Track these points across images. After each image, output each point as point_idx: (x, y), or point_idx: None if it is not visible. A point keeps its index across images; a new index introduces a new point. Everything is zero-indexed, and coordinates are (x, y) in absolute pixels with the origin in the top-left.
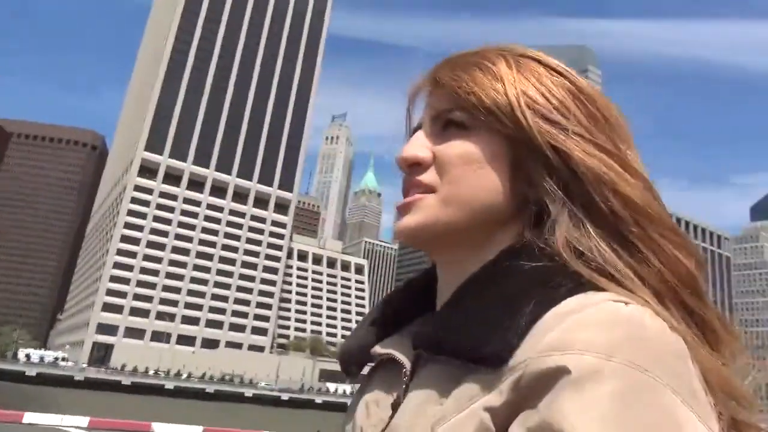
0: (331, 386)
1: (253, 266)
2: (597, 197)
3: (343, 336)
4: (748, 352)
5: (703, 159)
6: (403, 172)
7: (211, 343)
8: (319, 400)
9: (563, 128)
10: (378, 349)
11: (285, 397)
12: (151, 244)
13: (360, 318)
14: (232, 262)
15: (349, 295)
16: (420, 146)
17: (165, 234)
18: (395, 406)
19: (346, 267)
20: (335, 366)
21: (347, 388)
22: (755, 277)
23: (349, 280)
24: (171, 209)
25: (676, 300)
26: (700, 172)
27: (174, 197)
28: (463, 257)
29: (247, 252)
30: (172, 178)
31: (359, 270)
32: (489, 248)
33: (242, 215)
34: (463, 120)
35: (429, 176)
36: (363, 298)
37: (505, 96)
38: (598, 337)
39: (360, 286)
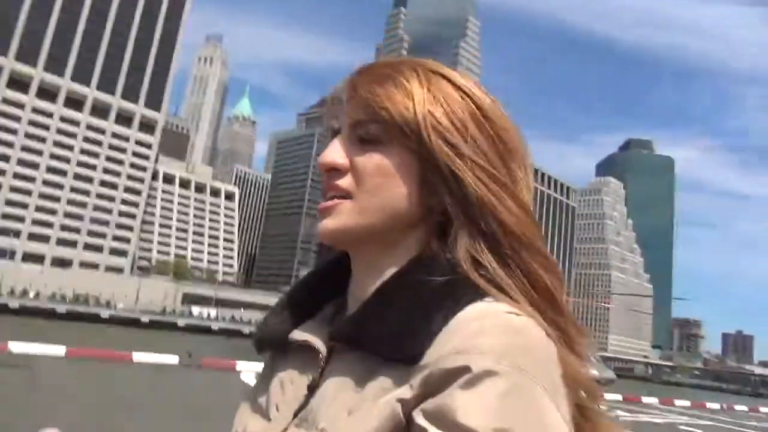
0: (195, 309)
1: (114, 186)
2: (481, 220)
3: (209, 262)
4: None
5: (560, 115)
6: (322, 174)
7: (62, 263)
8: (182, 322)
9: (460, 153)
10: (296, 335)
11: (145, 319)
12: None
13: (227, 244)
14: (89, 180)
15: (217, 222)
16: (339, 153)
17: (10, 145)
18: (311, 388)
19: (215, 193)
20: (200, 290)
21: (212, 311)
22: (594, 226)
23: (218, 206)
24: (17, 119)
25: (543, 312)
26: (557, 127)
27: (21, 106)
28: (378, 255)
29: (107, 171)
30: (19, 84)
31: (229, 197)
32: (400, 246)
33: (102, 131)
34: (378, 133)
35: (346, 182)
36: (232, 225)
37: (414, 115)
38: (494, 343)
39: (229, 213)
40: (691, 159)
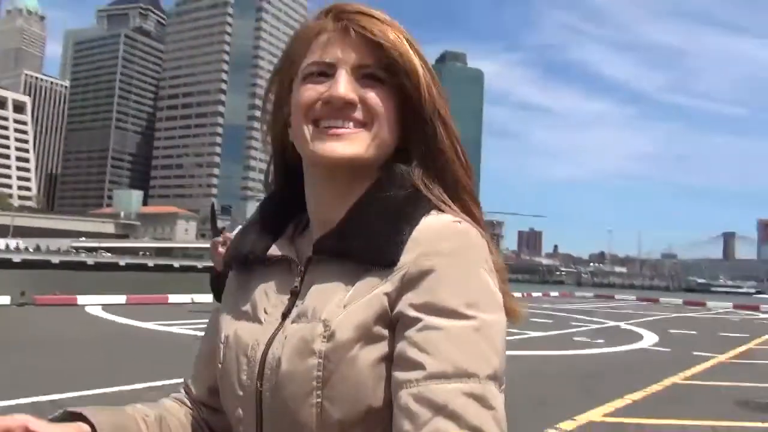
0: None
1: None
2: (438, 165)
3: (1, 185)
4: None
5: None
6: (335, 106)
7: None
8: (17, 258)
9: (439, 105)
10: (273, 251)
11: None
12: None
13: (22, 164)
14: None
15: (6, 137)
16: (352, 88)
17: None
18: (294, 293)
19: (2, 104)
20: None
21: (10, 242)
22: None
23: (5, 119)
24: None
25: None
26: None
27: None
28: (353, 179)
29: None
30: None
31: (19, 108)
32: (370, 172)
33: None
34: (381, 76)
35: (361, 115)
36: (26, 142)
37: (419, 68)
38: (449, 245)
39: (21, 127)
40: (498, 72)
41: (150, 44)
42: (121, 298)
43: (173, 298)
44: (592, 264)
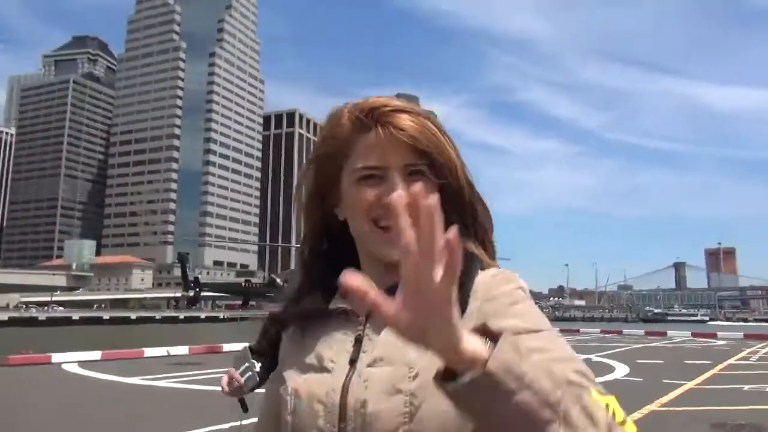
0: None
1: None
2: (479, 234)
3: None
4: None
5: (331, 69)
6: (384, 208)
7: None
8: None
9: (473, 189)
10: (335, 305)
11: None
12: None
13: None
14: None
15: None
16: (403, 192)
17: None
18: (358, 340)
19: None
20: None
21: None
22: None
23: None
24: None
25: None
26: (330, 79)
27: None
28: None
29: None
30: None
31: None
32: None
33: None
34: (425, 171)
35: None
36: None
37: (455, 160)
38: (503, 289)
39: None
40: (449, 113)
41: (100, 90)
42: (95, 354)
43: (149, 352)
44: (552, 298)
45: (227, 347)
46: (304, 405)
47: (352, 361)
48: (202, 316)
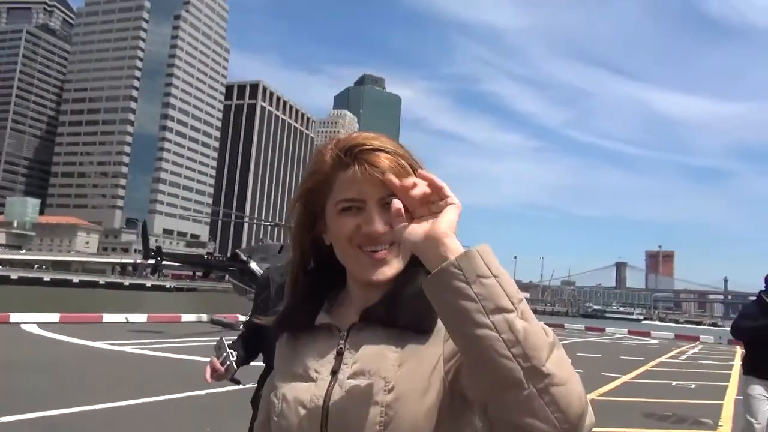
0: None
1: None
2: None
3: None
4: None
5: (305, 45)
6: (372, 237)
7: None
8: None
9: None
10: (320, 320)
11: None
12: None
13: None
14: None
15: None
16: (382, 221)
17: None
18: (339, 353)
19: None
20: None
21: None
22: None
23: None
24: None
25: None
26: (300, 55)
27: None
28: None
29: None
30: None
31: None
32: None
33: None
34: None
35: (390, 236)
36: None
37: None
38: None
39: None
40: (415, 98)
41: (55, 43)
42: (54, 317)
43: (107, 317)
44: None
45: (185, 317)
46: (290, 409)
47: (334, 372)
48: (148, 284)
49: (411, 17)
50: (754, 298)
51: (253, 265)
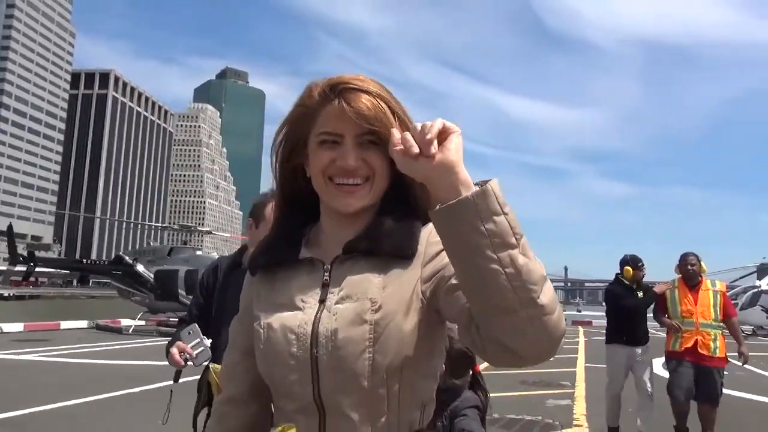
0: None
1: None
2: (412, 196)
3: None
4: None
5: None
6: (345, 170)
7: None
8: None
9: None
10: (303, 254)
11: None
12: None
13: None
14: None
15: None
16: (356, 156)
17: None
18: (325, 284)
19: None
20: None
21: None
22: (191, 152)
23: None
24: None
25: None
26: (156, 45)
27: None
28: (363, 210)
29: None
30: None
31: None
32: (376, 203)
33: None
34: (377, 141)
35: (364, 171)
36: None
37: (394, 134)
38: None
39: None
40: (279, 94)
41: None
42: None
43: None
44: None
45: (64, 324)
46: (277, 335)
47: (321, 301)
48: None
49: (275, 11)
50: (608, 283)
51: (140, 267)
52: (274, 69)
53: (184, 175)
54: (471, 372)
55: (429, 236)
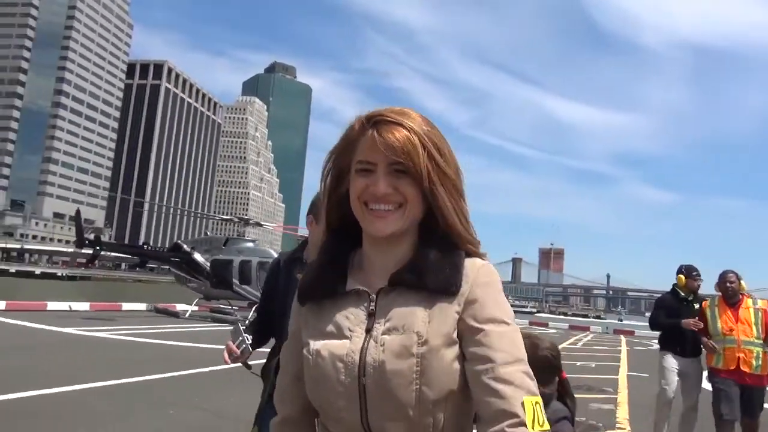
0: None
1: None
2: (453, 225)
3: None
4: None
5: (210, 27)
6: (377, 196)
7: None
8: None
9: (448, 192)
10: (350, 285)
11: None
12: None
13: None
14: None
15: None
16: (388, 184)
17: None
18: (371, 314)
19: None
20: None
21: None
22: (238, 144)
23: None
24: None
25: None
26: (207, 38)
27: None
28: (402, 237)
29: None
30: None
31: None
32: (410, 232)
33: None
34: (404, 170)
35: (396, 198)
36: None
37: (424, 170)
38: (488, 278)
39: None
40: (325, 89)
41: None
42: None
43: (51, 305)
44: None
45: (126, 306)
46: (326, 362)
47: (368, 330)
48: (38, 271)
49: (323, 7)
50: (664, 293)
51: (197, 256)
52: (320, 64)
53: (230, 166)
54: (558, 379)
55: (477, 276)
